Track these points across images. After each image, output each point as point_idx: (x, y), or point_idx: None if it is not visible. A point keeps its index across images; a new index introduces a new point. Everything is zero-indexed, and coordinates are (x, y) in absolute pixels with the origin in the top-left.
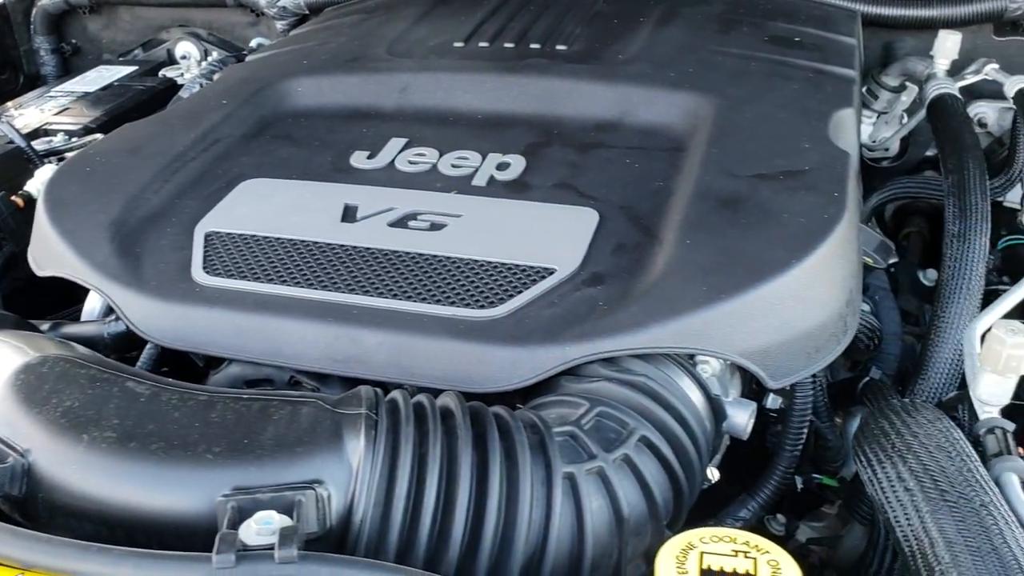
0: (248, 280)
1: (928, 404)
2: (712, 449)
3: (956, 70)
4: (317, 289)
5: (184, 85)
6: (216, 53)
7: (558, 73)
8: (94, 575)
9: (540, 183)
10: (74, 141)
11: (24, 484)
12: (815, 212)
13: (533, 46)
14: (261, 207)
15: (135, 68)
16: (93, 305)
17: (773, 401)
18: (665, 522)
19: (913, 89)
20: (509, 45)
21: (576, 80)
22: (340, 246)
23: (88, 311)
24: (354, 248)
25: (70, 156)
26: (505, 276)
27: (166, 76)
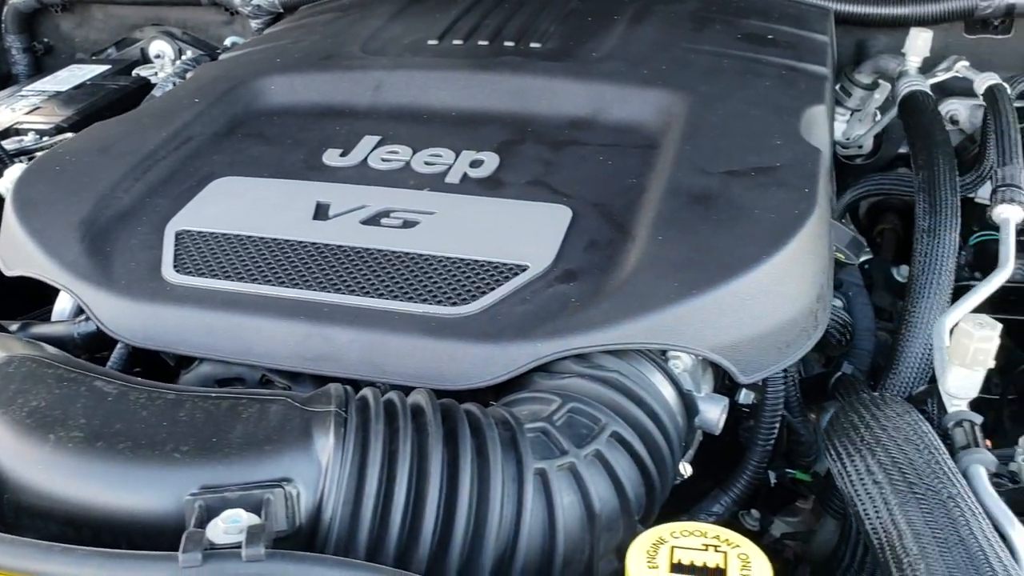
0: (219, 279)
1: (897, 398)
2: (684, 444)
3: (928, 67)
4: (288, 287)
5: (157, 84)
6: (190, 52)
7: (532, 71)
8: (57, 575)
9: (513, 180)
10: (45, 141)
11: None
12: (786, 208)
13: (507, 44)
14: (232, 205)
15: (108, 67)
16: (64, 305)
17: (745, 396)
18: (637, 518)
19: (886, 87)
20: (483, 43)
21: (550, 78)
22: (312, 244)
23: (58, 311)
24: (326, 246)
25: (39, 155)
26: (478, 273)
27: (139, 75)
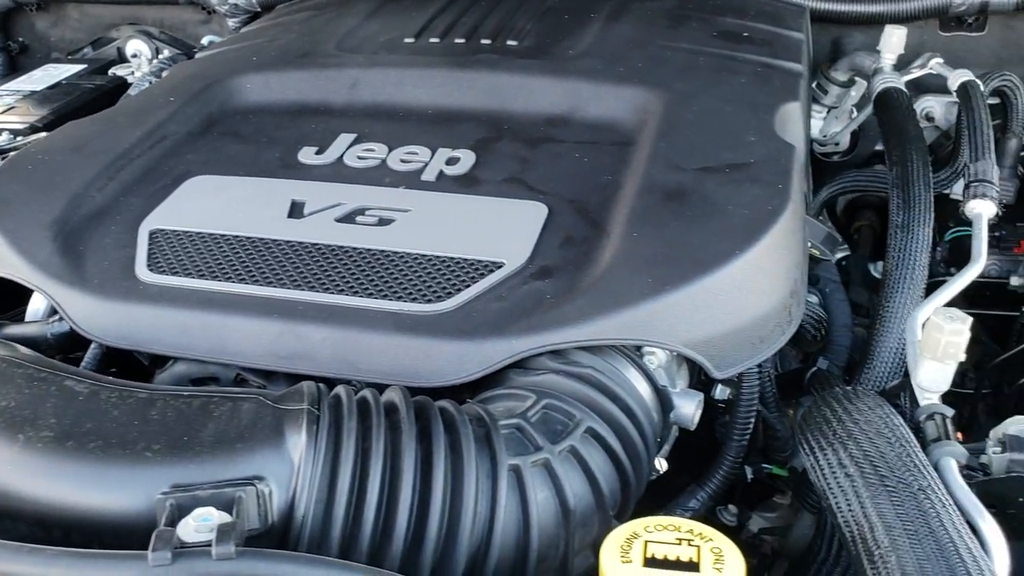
0: (193, 277)
1: (869, 391)
2: (660, 440)
3: (903, 65)
4: (262, 285)
5: (133, 84)
6: (167, 51)
7: (508, 68)
8: (26, 575)
9: (490, 178)
10: (19, 140)
11: None
12: (759, 204)
13: (484, 42)
14: (207, 204)
15: (84, 67)
16: (38, 306)
17: (721, 392)
18: (613, 513)
19: (862, 84)
20: (460, 41)
21: (526, 75)
22: (286, 242)
23: (32, 311)
24: (300, 244)
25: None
26: (453, 270)
27: (116, 74)
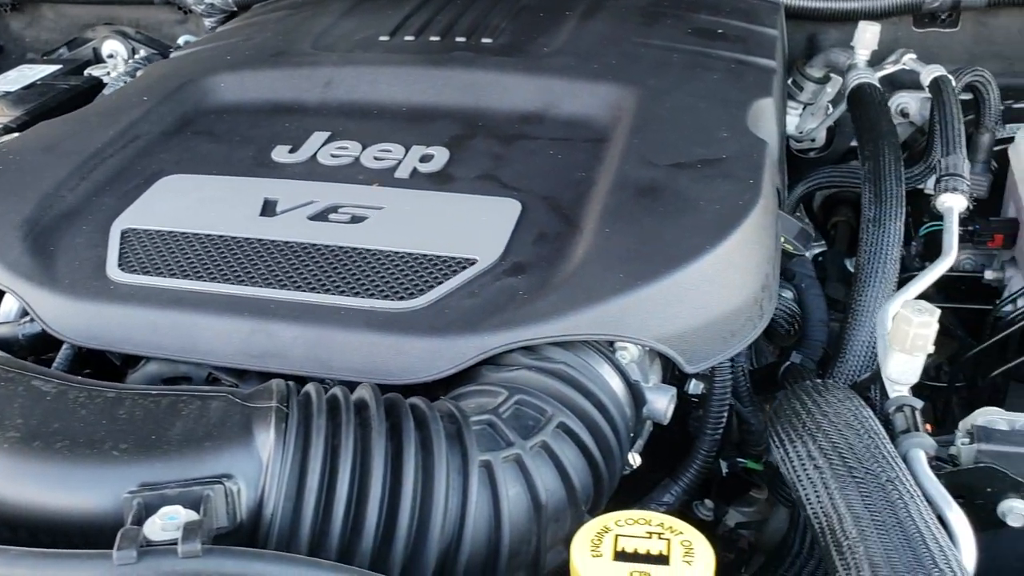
0: (164, 277)
1: (840, 384)
2: (633, 435)
3: (877, 61)
4: (234, 284)
5: (108, 84)
6: (143, 51)
7: (483, 66)
8: None
9: (463, 175)
10: None
11: None
12: (730, 199)
13: (459, 39)
14: (179, 203)
15: (59, 67)
16: (9, 307)
17: (695, 387)
18: (585, 508)
19: (837, 80)
20: (435, 38)
21: (501, 72)
22: (258, 240)
23: (4, 312)
24: (272, 242)
25: None
26: (426, 267)
27: (91, 75)
